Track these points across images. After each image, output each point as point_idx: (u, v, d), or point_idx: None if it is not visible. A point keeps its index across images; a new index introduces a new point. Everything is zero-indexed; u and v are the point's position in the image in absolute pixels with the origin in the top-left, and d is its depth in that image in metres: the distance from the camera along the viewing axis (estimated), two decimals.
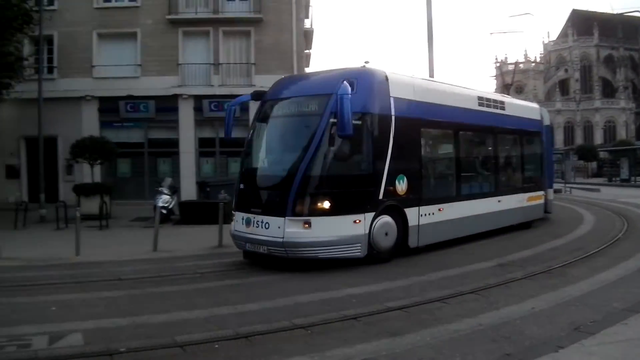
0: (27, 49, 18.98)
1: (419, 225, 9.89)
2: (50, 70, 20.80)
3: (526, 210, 13.71)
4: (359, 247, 8.67)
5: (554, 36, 77.57)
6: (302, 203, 8.50)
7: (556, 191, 19.75)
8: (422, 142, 10.46)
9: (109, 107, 20.68)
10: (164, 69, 20.39)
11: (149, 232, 9.51)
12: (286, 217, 8.32)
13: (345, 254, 8.65)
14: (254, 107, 11.27)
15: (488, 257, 9.52)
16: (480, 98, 12.23)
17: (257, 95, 10.28)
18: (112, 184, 18.60)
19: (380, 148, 9.26)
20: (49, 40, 20.35)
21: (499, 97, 13.59)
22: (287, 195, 8.36)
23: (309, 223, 8.38)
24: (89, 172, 17.73)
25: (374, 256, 8.89)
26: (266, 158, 9.61)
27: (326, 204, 8.54)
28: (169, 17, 20.67)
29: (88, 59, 20.68)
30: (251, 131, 9.87)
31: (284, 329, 5.42)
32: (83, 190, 16.76)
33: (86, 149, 16.93)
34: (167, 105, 20.39)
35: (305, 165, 8.44)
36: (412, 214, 9.74)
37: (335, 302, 6.39)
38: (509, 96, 17.55)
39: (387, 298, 6.53)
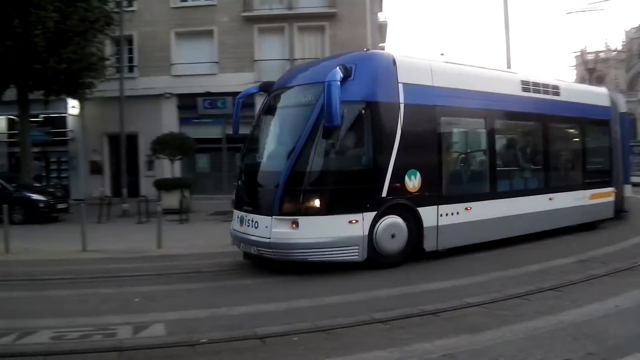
0: (108, 49, 20.10)
1: (437, 226, 9.01)
2: (131, 69, 21.89)
3: (588, 209, 12.12)
4: (357, 250, 8.00)
5: (635, 23, 71.98)
6: (290, 201, 7.92)
7: (636, 184, 17.99)
8: (443, 132, 9.55)
9: (187, 104, 21.49)
10: (240, 66, 20.88)
11: (227, 226, 9.67)
12: (273, 217, 7.82)
13: (340, 257, 8.00)
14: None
15: (567, 254, 9.22)
16: (525, 82, 11.03)
17: (265, 87, 9.71)
18: (192, 179, 19.19)
19: (384, 140, 8.48)
20: (129, 40, 21.45)
21: (553, 81, 12.18)
22: (274, 193, 7.89)
23: (296, 223, 7.78)
24: (169, 168, 18.40)
25: (378, 261, 8.24)
26: (260, 153, 9.11)
27: (316, 202, 7.94)
28: (244, 14, 21.22)
29: (166, 58, 21.57)
30: (253, 125, 9.42)
31: (363, 322, 5.39)
32: (164, 185, 17.43)
33: (166, 145, 17.61)
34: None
35: (293, 160, 7.90)
36: (429, 214, 8.89)
37: (413, 297, 6.35)
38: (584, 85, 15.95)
39: (466, 293, 6.46)
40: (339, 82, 7.64)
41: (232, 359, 4.56)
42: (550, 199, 11.16)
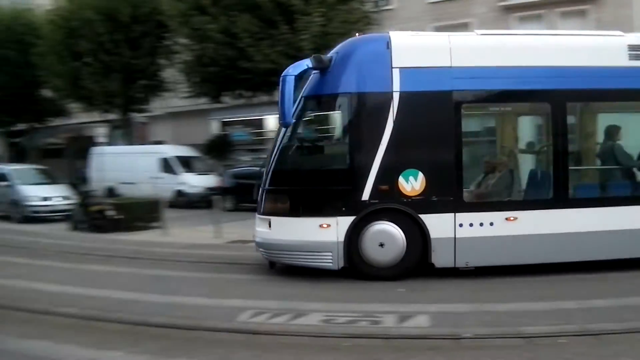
0: None
1: (455, 238, 7.84)
2: None
3: None
4: (330, 257, 7.79)
5: None
6: (267, 200, 8.26)
7: None
8: (467, 123, 8.24)
9: None
10: None
11: None
12: (257, 215, 8.35)
13: (313, 262, 7.95)
14: None
15: None
16: (633, 47, 8.12)
17: (320, 62, 8.27)
18: None
19: (366, 136, 7.91)
20: None
21: None
22: (262, 192, 8.25)
23: (269, 223, 8.06)
24: None
25: (363, 271, 7.89)
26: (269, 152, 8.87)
27: (284, 203, 8.03)
28: (502, 3, 20.76)
29: None
30: None
31: (636, 330, 5.17)
32: None
33: None
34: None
35: (274, 159, 8.09)
36: (440, 223, 7.83)
37: None
38: None
39: None
40: (293, 77, 7.60)
41: (496, 356, 4.88)
42: None
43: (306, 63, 8.07)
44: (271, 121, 23.54)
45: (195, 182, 21.12)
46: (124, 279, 8.84)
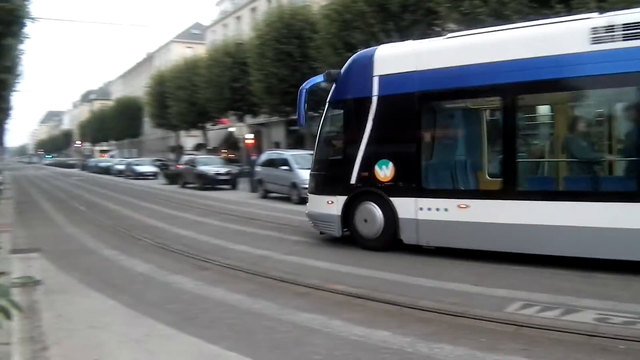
0: None
1: (417, 219, 9.65)
2: None
3: None
4: (334, 226, 10.85)
5: None
6: (308, 182, 12.24)
7: None
8: (426, 119, 10.12)
9: None
10: None
11: None
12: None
13: (326, 230, 11.27)
14: None
15: None
16: (595, 29, 8.06)
17: (330, 77, 11.18)
18: None
19: (354, 133, 10.53)
20: None
21: None
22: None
23: (308, 198, 12.08)
24: None
25: (356, 241, 10.54)
26: None
27: (312, 184, 11.69)
28: None
29: None
30: None
31: None
32: None
33: None
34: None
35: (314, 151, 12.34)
36: (405, 205, 9.84)
37: None
38: None
39: None
40: (305, 90, 10.91)
41: None
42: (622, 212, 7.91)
43: (319, 78, 11.36)
44: None
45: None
46: (392, 260, 9.69)
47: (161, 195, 27.36)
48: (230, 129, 50.23)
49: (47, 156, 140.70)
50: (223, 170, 29.25)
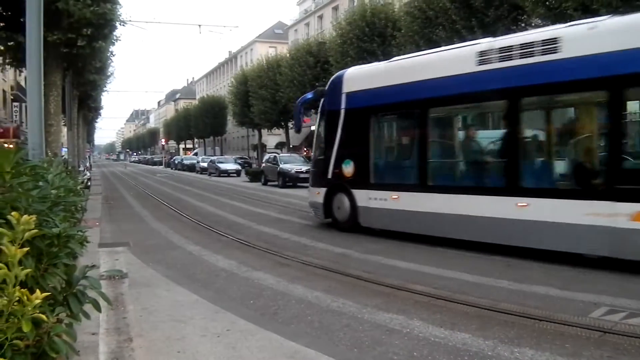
0: None
1: (369, 207, 12.66)
2: None
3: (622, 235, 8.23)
4: (321, 212, 14.18)
5: None
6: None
7: None
8: (373, 128, 12.93)
9: None
10: None
11: None
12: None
13: (317, 215, 14.65)
14: None
15: None
16: (482, 53, 10.25)
17: (319, 93, 14.86)
18: None
19: (330, 138, 13.81)
20: None
21: (551, 33, 9.41)
22: None
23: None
24: None
25: (334, 223, 13.79)
26: None
27: (310, 178, 15.52)
28: None
29: None
30: None
31: None
32: None
33: None
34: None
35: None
36: (362, 196, 12.84)
37: None
38: None
39: None
40: (300, 103, 15.69)
41: None
42: (518, 204, 9.53)
43: (311, 94, 15.35)
44: None
45: None
46: (474, 262, 9.56)
47: (243, 192, 27.93)
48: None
49: (133, 154, 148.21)
50: (304, 168, 29.66)
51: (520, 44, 9.73)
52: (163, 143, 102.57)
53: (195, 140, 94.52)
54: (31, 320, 2.39)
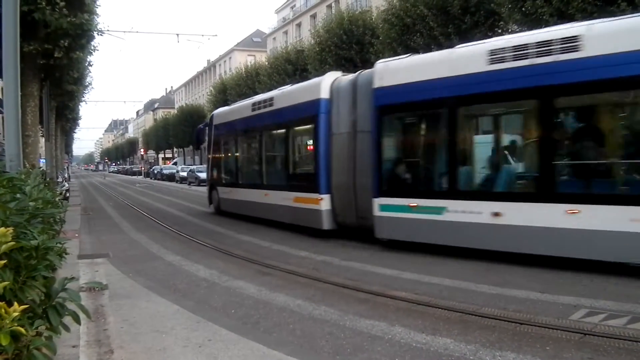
0: None
1: (224, 198, 20.26)
2: None
3: (297, 212, 14.57)
4: (208, 202, 22.61)
5: None
6: None
7: None
8: (223, 148, 20.85)
9: None
10: None
11: None
12: None
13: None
14: None
15: None
16: (254, 104, 17.82)
17: (206, 124, 24.47)
18: None
19: (208, 153, 22.92)
20: None
21: (271, 94, 17.18)
22: None
23: None
24: None
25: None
26: None
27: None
28: None
29: None
30: None
31: None
32: None
33: None
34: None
35: None
36: (220, 191, 20.46)
37: None
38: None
39: None
40: (197, 129, 26.20)
41: None
42: (265, 194, 16.44)
43: (202, 125, 25.31)
44: None
45: None
46: (454, 267, 9.59)
47: None
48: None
49: (112, 164, 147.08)
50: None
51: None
52: (142, 153, 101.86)
53: (175, 149, 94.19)
54: (10, 334, 2.36)
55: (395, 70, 11.66)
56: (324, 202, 13.34)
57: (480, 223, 9.79)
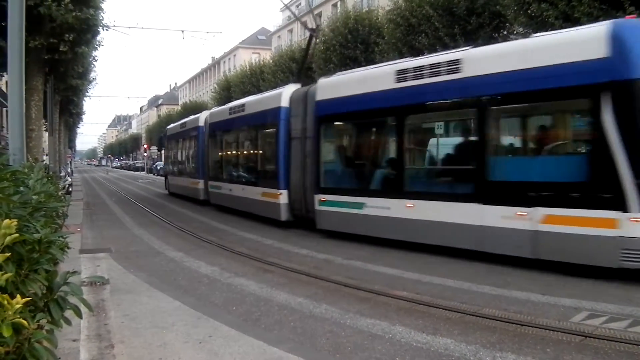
0: None
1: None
2: None
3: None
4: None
5: None
6: None
7: None
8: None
9: None
10: None
11: None
12: None
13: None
14: None
15: None
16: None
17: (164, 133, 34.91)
18: None
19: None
20: None
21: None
22: None
23: None
24: None
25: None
26: None
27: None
28: None
29: None
30: None
31: None
32: None
33: None
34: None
35: None
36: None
37: None
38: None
39: None
40: (161, 136, 40.02)
41: None
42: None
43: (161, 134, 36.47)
44: None
45: None
46: (457, 267, 9.59)
47: None
48: None
49: (115, 159, 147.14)
50: None
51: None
52: (145, 148, 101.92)
53: None
54: (12, 326, 2.36)
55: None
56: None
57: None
